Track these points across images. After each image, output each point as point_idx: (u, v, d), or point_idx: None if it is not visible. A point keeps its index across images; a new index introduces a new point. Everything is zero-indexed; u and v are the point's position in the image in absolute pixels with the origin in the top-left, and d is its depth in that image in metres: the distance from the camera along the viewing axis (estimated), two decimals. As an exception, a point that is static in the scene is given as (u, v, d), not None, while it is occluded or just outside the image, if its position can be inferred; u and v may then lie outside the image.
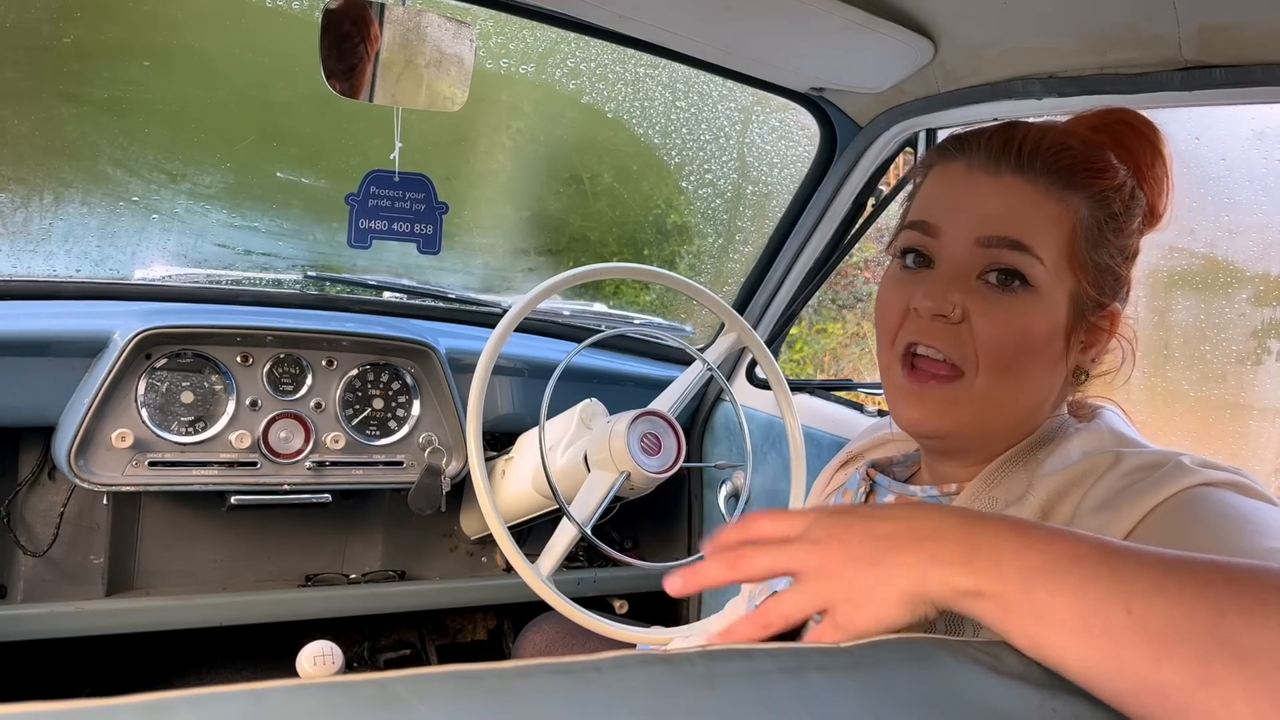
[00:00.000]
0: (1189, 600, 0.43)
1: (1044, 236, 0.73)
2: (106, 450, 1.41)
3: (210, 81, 1.83)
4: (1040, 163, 0.74)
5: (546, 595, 1.28)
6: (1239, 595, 0.43)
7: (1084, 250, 0.75)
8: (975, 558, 0.49)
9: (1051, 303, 0.74)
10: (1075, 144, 0.76)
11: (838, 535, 0.53)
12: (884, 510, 0.54)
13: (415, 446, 1.63)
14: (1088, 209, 0.75)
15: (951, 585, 0.49)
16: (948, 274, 0.75)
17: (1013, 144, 0.75)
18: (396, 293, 1.90)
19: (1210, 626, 0.42)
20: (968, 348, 0.74)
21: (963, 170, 0.77)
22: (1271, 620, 0.41)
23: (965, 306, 0.74)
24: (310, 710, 0.31)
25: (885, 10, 1.15)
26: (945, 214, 0.77)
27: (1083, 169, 0.75)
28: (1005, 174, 0.75)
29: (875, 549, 0.52)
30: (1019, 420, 0.78)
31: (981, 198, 0.75)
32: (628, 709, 0.35)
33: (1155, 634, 0.43)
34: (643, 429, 1.36)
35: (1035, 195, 0.74)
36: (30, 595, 1.52)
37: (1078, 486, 0.70)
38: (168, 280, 1.75)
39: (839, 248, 1.72)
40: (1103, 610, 0.44)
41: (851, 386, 1.81)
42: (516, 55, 1.94)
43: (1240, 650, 0.41)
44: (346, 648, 1.91)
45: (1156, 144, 0.81)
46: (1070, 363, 0.78)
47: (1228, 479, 0.64)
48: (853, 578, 0.51)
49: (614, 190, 2.35)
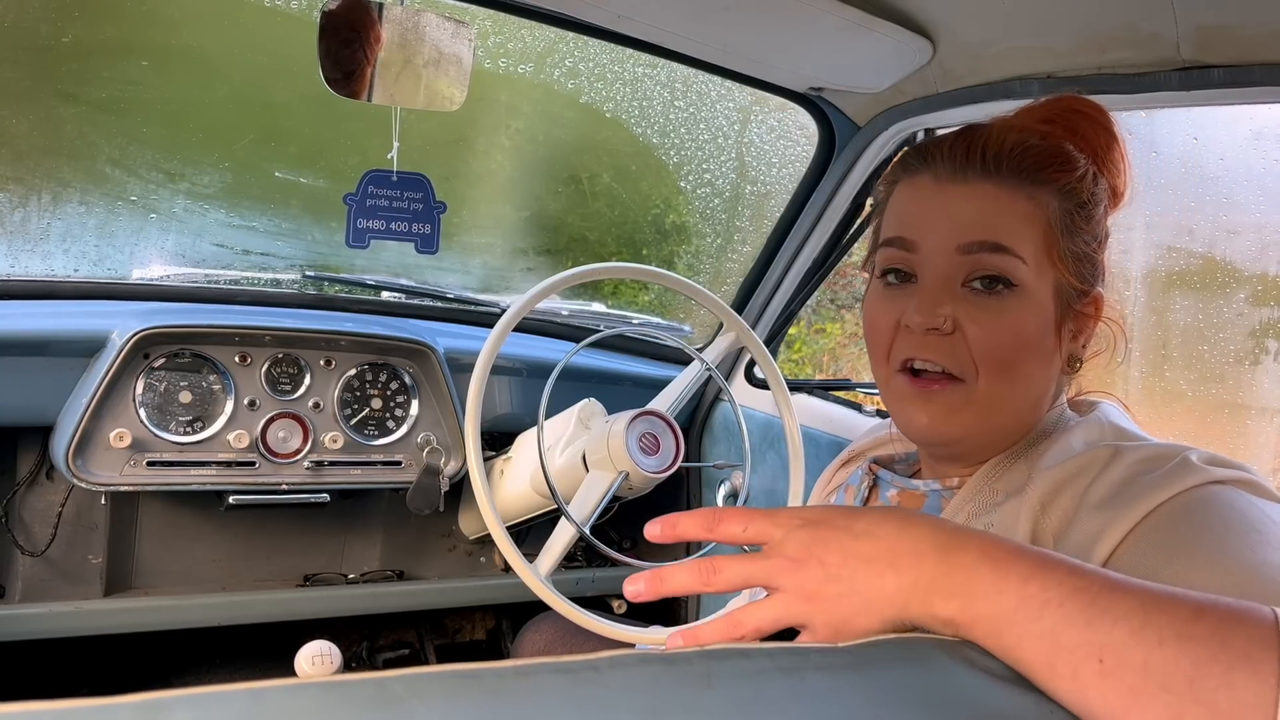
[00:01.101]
0: (1166, 653, 0.41)
1: (1021, 235, 0.74)
2: (105, 450, 1.41)
3: (209, 81, 1.83)
4: (1005, 164, 0.75)
5: (545, 595, 1.28)
6: (1221, 651, 0.40)
7: (1060, 242, 0.76)
8: (953, 589, 0.47)
9: (1039, 300, 0.75)
10: (1035, 141, 0.77)
11: (817, 555, 0.51)
12: (863, 524, 0.52)
13: (414, 446, 1.63)
14: (1057, 202, 0.76)
15: (931, 612, 0.48)
16: (934, 286, 0.76)
17: (975, 149, 0.76)
18: (395, 292, 1.90)
19: (1187, 684, 0.40)
20: (963, 357, 0.75)
21: (930, 182, 0.78)
22: (1253, 681, 0.39)
23: (955, 316, 0.75)
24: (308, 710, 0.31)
25: (884, 10, 1.16)
26: (921, 227, 0.77)
27: (1047, 164, 0.76)
28: (973, 179, 0.76)
29: (855, 574, 0.50)
30: (1020, 417, 0.79)
31: (954, 206, 0.76)
32: (626, 708, 0.35)
33: (1128, 687, 0.41)
34: (641, 429, 1.36)
35: (1006, 196, 0.75)
36: (28, 595, 1.52)
37: (1078, 479, 0.70)
38: (166, 280, 1.75)
39: (837, 248, 1.72)
40: (1074, 659, 0.43)
41: (850, 386, 1.81)
42: (515, 55, 1.94)
43: (1217, 710, 0.39)
44: (345, 647, 1.92)
45: (1108, 126, 0.82)
46: (1063, 353, 0.79)
47: (1235, 476, 0.63)
48: (834, 604, 0.50)
49: (612, 190, 2.35)
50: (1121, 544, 0.63)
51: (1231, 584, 0.55)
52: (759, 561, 0.53)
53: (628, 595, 0.57)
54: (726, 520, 0.56)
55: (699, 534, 0.57)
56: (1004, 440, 0.79)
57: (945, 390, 0.76)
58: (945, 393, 0.76)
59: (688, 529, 0.57)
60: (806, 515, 0.54)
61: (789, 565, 0.52)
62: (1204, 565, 0.57)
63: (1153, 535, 0.61)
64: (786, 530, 0.53)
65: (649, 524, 0.59)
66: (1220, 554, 0.57)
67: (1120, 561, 0.62)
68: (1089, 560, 0.63)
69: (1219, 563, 0.56)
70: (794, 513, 0.54)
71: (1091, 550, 0.64)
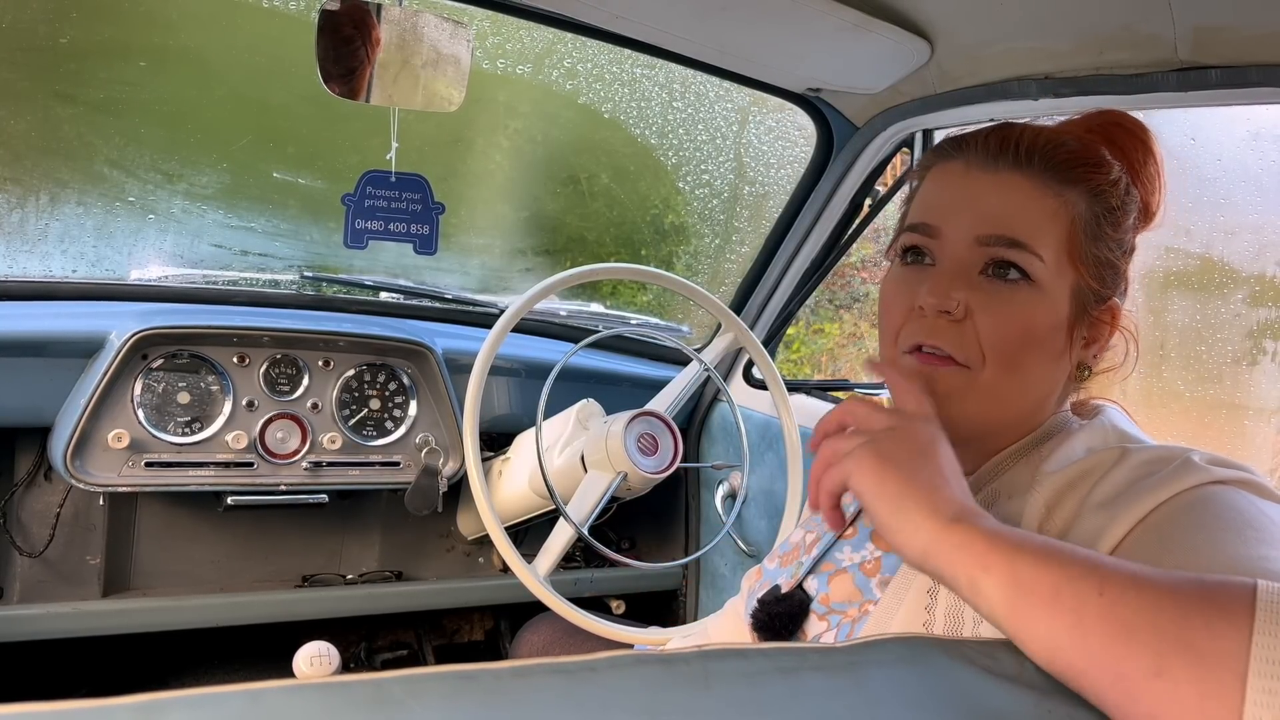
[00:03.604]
0: (1159, 598, 0.46)
1: (1043, 232, 0.74)
2: (103, 451, 1.41)
3: (207, 82, 1.83)
4: (1037, 159, 0.75)
5: (543, 596, 1.28)
6: (1208, 604, 0.45)
7: (1083, 244, 0.75)
8: (982, 515, 0.57)
9: (1053, 297, 0.75)
10: (1070, 141, 0.77)
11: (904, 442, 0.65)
12: (932, 448, 0.64)
13: (412, 447, 1.63)
14: (1085, 203, 0.76)
15: (958, 516, 0.57)
16: (950, 271, 0.76)
17: (1009, 142, 0.76)
18: (393, 293, 1.90)
19: (1173, 624, 0.45)
20: (971, 344, 0.75)
21: (960, 170, 0.78)
22: (1233, 629, 0.43)
23: (968, 303, 0.75)
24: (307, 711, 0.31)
25: (882, 11, 1.16)
26: (945, 214, 0.77)
27: (1079, 164, 0.76)
28: (1003, 171, 0.76)
29: (920, 467, 0.62)
30: (1023, 415, 0.79)
31: (980, 196, 0.76)
32: (623, 709, 0.35)
33: (1121, 620, 0.46)
34: (640, 429, 1.36)
35: (1033, 191, 0.75)
36: (27, 596, 1.52)
37: (1083, 482, 0.70)
38: (164, 281, 1.75)
39: (836, 248, 1.72)
40: (1077, 587, 0.48)
41: (848, 386, 1.82)
42: (513, 56, 1.94)
43: (1198, 650, 0.44)
44: (343, 648, 1.92)
45: (1148, 143, 0.82)
46: (1073, 358, 0.79)
47: (1236, 477, 0.64)
48: (888, 517, 0.61)
49: (611, 190, 2.35)
50: (1122, 543, 0.63)
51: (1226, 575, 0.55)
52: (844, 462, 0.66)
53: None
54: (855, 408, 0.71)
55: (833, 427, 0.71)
56: (1004, 436, 0.79)
57: (950, 372, 0.76)
58: (949, 374, 0.76)
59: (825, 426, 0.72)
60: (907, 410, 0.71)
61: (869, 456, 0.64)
62: (1200, 558, 0.57)
63: (1152, 531, 0.62)
64: (885, 423, 0.68)
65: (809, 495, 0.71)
66: (1217, 548, 0.57)
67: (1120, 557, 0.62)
68: None
69: (1215, 556, 0.56)
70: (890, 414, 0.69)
71: (1093, 548, 0.64)
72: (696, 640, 1.14)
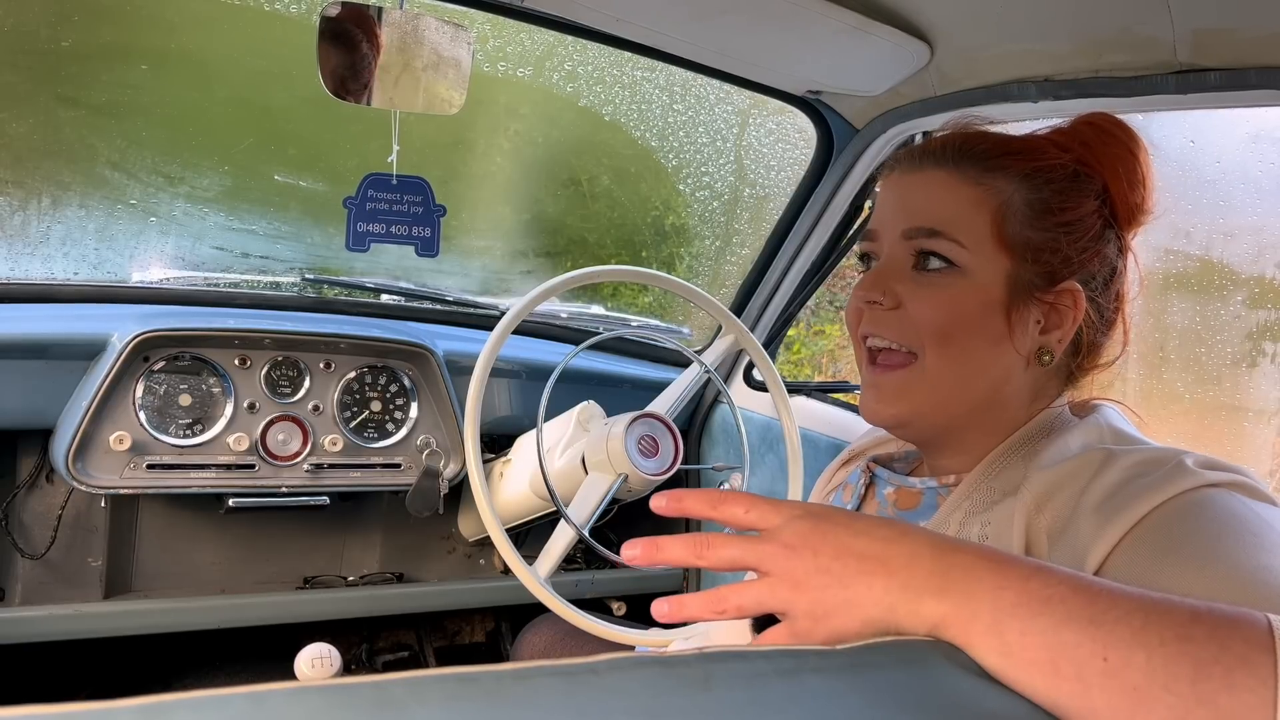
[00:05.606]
0: (1169, 654, 0.42)
1: (964, 219, 0.78)
2: (104, 453, 1.41)
3: (208, 84, 1.84)
4: (955, 152, 0.80)
5: (544, 597, 1.28)
6: (1222, 653, 0.41)
7: (1014, 229, 0.78)
8: (948, 588, 0.47)
9: (981, 281, 0.78)
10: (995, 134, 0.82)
11: (812, 545, 0.51)
12: (863, 525, 0.52)
13: (413, 449, 1.63)
14: (1015, 189, 0.78)
15: (919, 615, 0.47)
16: (883, 267, 0.82)
17: (934, 143, 0.83)
18: (394, 295, 1.90)
19: (1189, 685, 0.41)
20: (910, 331, 0.80)
21: (895, 177, 0.85)
22: (1252, 682, 0.40)
23: (900, 294, 0.80)
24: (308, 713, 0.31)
25: (881, 13, 1.16)
26: (881, 218, 0.84)
27: (1001, 153, 0.80)
28: (926, 169, 0.81)
29: (845, 569, 0.49)
30: (978, 401, 0.80)
31: (907, 195, 0.82)
32: (624, 711, 0.35)
33: (1131, 686, 0.42)
34: (640, 431, 1.36)
35: (951, 182, 0.79)
36: (28, 598, 1.52)
37: (1073, 481, 0.70)
38: (166, 283, 1.75)
39: (836, 250, 1.72)
40: (1077, 655, 0.43)
41: (849, 389, 1.82)
42: (514, 58, 1.95)
43: (1220, 710, 0.40)
44: (345, 650, 1.92)
45: (1122, 139, 0.82)
46: (1027, 344, 0.79)
47: (1230, 480, 0.64)
48: (818, 594, 0.50)
49: (612, 192, 2.35)
50: (1116, 548, 0.63)
51: (1226, 588, 0.55)
52: (754, 544, 0.53)
53: (624, 558, 0.58)
54: (730, 501, 0.56)
55: (702, 510, 0.57)
56: (969, 429, 0.82)
57: (898, 372, 0.81)
58: (897, 374, 0.81)
59: (692, 505, 0.58)
60: (809, 508, 0.54)
61: (781, 551, 0.52)
62: (1198, 569, 0.57)
63: (1147, 539, 0.62)
64: (786, 518, 0.53)
65: (655, 496, 0.60)
66: (1214, 558, 0.57)
67: (1115, 565, 0.62)
68: (1084, 563, 0.64)
69: (1213, 566, 0.56)
70: (797, 504, 0.55)
71: (1087, 553, 0.64)
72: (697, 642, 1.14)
